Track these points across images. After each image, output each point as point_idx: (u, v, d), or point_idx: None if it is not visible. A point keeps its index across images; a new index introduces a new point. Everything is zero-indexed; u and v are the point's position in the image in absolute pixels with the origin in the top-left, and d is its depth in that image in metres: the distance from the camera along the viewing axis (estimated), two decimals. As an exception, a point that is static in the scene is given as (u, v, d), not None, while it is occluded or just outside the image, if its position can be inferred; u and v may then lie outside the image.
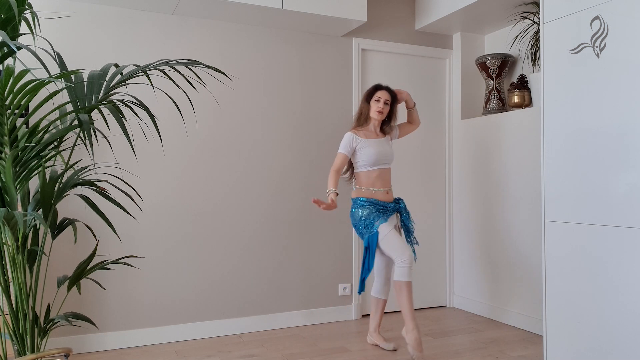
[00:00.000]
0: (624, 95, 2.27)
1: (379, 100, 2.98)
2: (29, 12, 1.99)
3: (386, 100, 2.99)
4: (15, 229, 1.79)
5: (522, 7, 3.51)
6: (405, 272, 2.77)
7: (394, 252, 2.82)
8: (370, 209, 2.91)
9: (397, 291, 2.79)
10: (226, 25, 3.43)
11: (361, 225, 2.92)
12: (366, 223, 2.90)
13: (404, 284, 2.77)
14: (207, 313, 3.34)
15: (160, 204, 3.23)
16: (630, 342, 2.24)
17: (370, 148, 2.95)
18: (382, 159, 2.97)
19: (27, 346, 1.91)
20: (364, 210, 2.91)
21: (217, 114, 3.39)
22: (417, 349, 2.74)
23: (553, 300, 2.59)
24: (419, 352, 2.74)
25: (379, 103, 2.98)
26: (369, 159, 2.94)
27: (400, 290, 2.77)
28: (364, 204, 2.93)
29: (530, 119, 3.40)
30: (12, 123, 1.79)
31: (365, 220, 2.90)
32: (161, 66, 1.98)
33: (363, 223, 2.91)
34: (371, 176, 2.97)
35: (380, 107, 2.97)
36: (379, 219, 2.89)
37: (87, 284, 3.05)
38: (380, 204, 2.93)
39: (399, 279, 2.78)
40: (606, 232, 2.34)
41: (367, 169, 2.97)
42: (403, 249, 2.81)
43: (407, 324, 2.77)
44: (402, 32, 3.97)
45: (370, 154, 2.94)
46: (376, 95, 3.00)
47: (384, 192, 2.98)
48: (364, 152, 2.94)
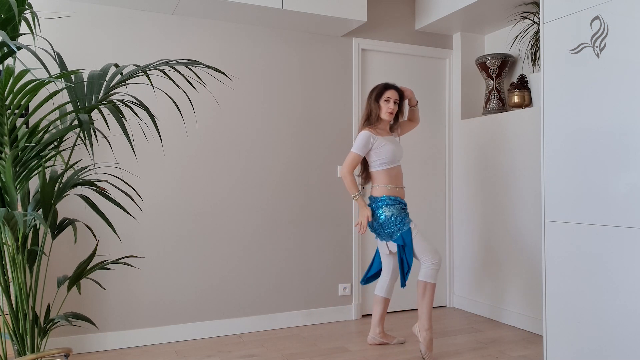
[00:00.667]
0: (624, 95, 2.27)
1: (388, 100, 2.96)
2: (29, 12, 1.99)
3: (395, 100, 2.98)
4: (15, 229, 1.79)
5: (522, 7, 3.51)
6: (434, 273, 2.83)
7: (425, 252, 2.84)
8: (398, 207, 2.90)
9: (421, 290, 2.83)
10: (226, 25, 3.43)
11: (392, 223, 2.86)
12: (398, 221, 2.86)
13: (430, 285, 2.83)
14: (207, 313, 3.34)
15: (160, 204, 3.23)
16: (630, 342, 2.24)
17: (388, 145, 2.94)
18: (398, 156, 2.99)
19: (27, 346, 1.91)
20: (393, 208, 2.88)
21: (217, 114, 3.39)
22: (429, 348, 2.83)
23: (553, 300, 2.59)
24: (429, 351, 2.83)
25: (389, 103, 2.96)
26: (388, 157, 2.92)
27: (425, 291, 2.83)
28: (391, 202, 2.89)
29: (530, 119, 3.40)
30: (12, 123, 1.79)
31: (397, 218, 2.86)
32: (161, 66, 1.98)
33: (394, 221, 2.86)
34: (392, 174, 2.95)
35: (392, 107, 2.96)
36: (407, 217, 2.90)
37: (87, 284, 3.05)
38: (402, 202, 2.95)
39: (427, 280, 2.82)
40: (606, 232, 2.34)
41: (388, 167, 2.94)
42: (434, 251, 2.85)
43: (422, 322, 2.84)
44: (402, 32, 3.97)
45: (389, 151, 2.92)
46: (385, 95, 2.97)
47: (404, 190, 3.01)
48: (382, 150, 2.92)
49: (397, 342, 3.13)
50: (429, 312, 2.83)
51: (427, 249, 2.84)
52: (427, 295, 2.82)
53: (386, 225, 2.88)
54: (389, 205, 2.89)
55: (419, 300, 2.85)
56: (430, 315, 2.83)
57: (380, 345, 3.11)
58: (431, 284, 2.82)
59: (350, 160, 2.91)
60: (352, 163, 2.90)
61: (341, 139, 3.75)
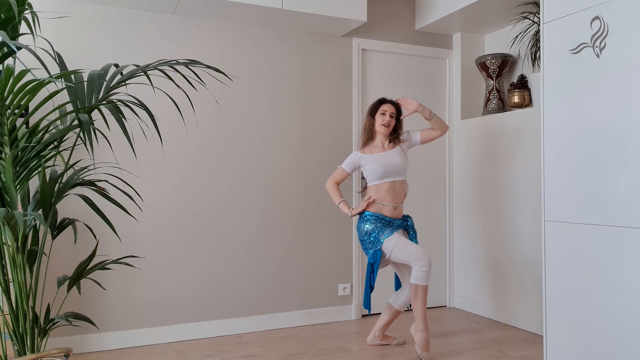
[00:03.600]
0: (624, 95, 2.27)
1: (384, 113, 2.98)
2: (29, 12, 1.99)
3: (392, 113, 3.00)
4: (15, 229, 1.79)
5: (522, 7, 3.51)
6: (424, 275, 2.80)
7: (411, 257, 2.81)
8: (376, 223, 2.90)
9: (413, 293, 2.83)
10: (226, 25, 3.43)
11: (366, 239, 2.91)
12: (371, 238, 2.89)
13: (421, 287, 2.81)
14: (207, 313, 3.34)
15: (160, 204, 3.23)
16: (630, 342, 2.24)
17: (374, 162, 2.94)
18: (390, 171, 2.94)
19: (27, 346, 1.91)
20: (370, 224, 2.90)
21: (217, 114, 3.39)
22: (425, 349, 2.82)
23: (553, 300, 2.59)
24: (426, 352, 2.82)
25: (384, 116, 2.98)
26: (375, 173, 2.94)
27: (417, 293, 2.81)
28: (370, 218, 2.92)
29: (530, 119, 3.40)
30: (12, 123, 1.79)
31: (371, 234, 2.89)
32: (161, 66, 1.98)
33: (368, 238, 2.90)
34: (381, 190, 2.95)
35: (386, 120, 2.97)
36: (383, 232, 2.87)
37: (87, 284, 3.05)
38: (386, 219, 2.92)
39: (417, 283, 2.81)
40: (606, 232, 2.34)
41: (376, 182, 2.96)
42: (421, 254, 2.80)
43: (418, 323, 2.83)
44: (402, 32, 3.97)
45: (375, 168, 2.93)
46: (381, 109, 3.00)
47: (391, 208, 2.94)
48: (368, 167, 2.96)
49: (397, 342, 3.13)
50: (423, 313, 2.82)
51: (413, 253, 2.81)
52: (420, 297, 2.81)
53: (362, 240, 2.96)
54: (367, 221, 2.92)
55: (412, 302, 2.85)
56: (424, 316, 2.82)
57: (380, 345, 3.12)
58: (422, 286, 2.80)
59: (335, 173, 3.05)
60: (335, 176, 3.04)
61: (341, 139, 3.75)
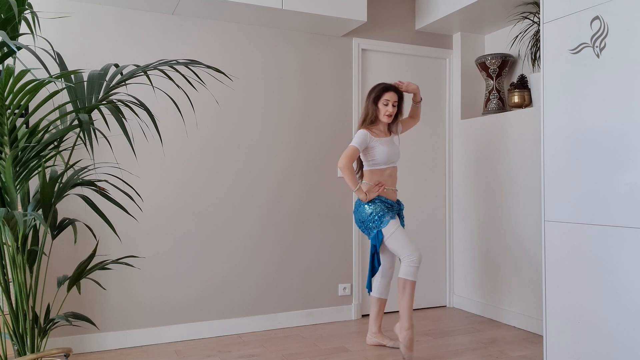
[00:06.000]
0: (624, 95, 2.27)
1: (387, 103, 2.96)
2: (29, 12, 1.99)
3: (395, 102, 2.97)
4: (15, 229, 1.79)
5: (522, 7, 3.51)
6: (413, 271, 2.79)
7: (403, 250, 2.82)
8: (381, 205, 2.91)
9: (400, 288, 2.81)
10: (226, 25, 3.43)
11: (370, 221, 2.90)
12: (376, 217, 2.88)
13: (409, 282, 2.79)
14: (207, 313, 3.34)
15: (160, 204, 3.23)
16: (630, 342, 2.24)
17: (383, 147, 2.95)
18: (393, 157, 2.99)
19: (27, 346, 1.91)
20: (375, 206, 2.90)
21: (217, 114, 3.39)
22: (409, 349, 2.78)
23: (553, 300, 2.59)
24: (409, 352, 2.77)
25: (387, 106, 2.95)
26: (382, 158, 2.94)
27: (404, 289, 2.79)
28: (374, 200, 2.92)
29: (530, 119, 3.40)
30: (12, 123, 1.79)
31: (375, 215, 2.89)
32: (161, 66, 1.98)
33: (372, 218, 2.89)
34: (384, 174, 2.97)
35: (390, 110, 2.96)
36: (387, 214, 2.90)
37: (87, 284, 3.05)
38: (388, 202, 2.95)
39: (406, 277, 2.79)
40: (606, 232, 2.34)
41: (380, 167, 2.97)
42: (413, 249, 2.82)
43: (403, 322, 2.80)
44: (402, 32, 3.97)
45: (384, 153, 2.94)
46: (384, 98, 2.95)
47: (392, 191, 3.00)
48: (377, 150, 2.93)
49: (392, 345, 3.07)
50: (409, 311, 2.79)
51: (406, 246, 2.81)
52: (407, 292, 2.78)
53: (364, 221, 2.94)
54: (373, 203, 2.91)
55: (399, 299, 2.82)
56: (410, 315, 2.78)
57: (380, 345, 3.11)
58: (410, 282, 2.78)
59: (350, 153, 2.88)
60: (351, 156, 2.88)
61: (341, 139, 3.75)
